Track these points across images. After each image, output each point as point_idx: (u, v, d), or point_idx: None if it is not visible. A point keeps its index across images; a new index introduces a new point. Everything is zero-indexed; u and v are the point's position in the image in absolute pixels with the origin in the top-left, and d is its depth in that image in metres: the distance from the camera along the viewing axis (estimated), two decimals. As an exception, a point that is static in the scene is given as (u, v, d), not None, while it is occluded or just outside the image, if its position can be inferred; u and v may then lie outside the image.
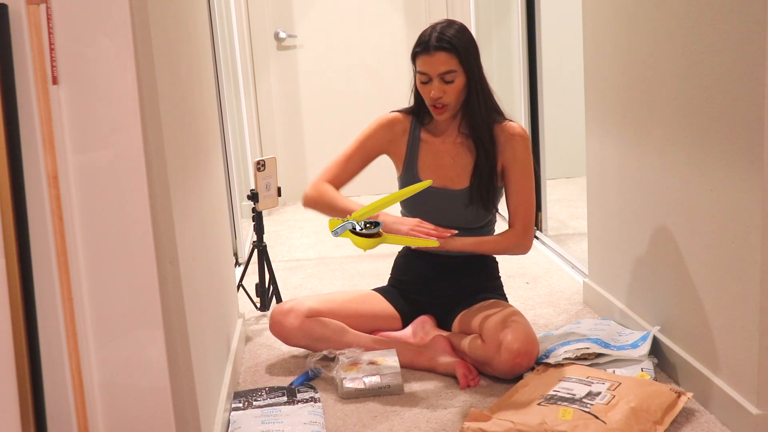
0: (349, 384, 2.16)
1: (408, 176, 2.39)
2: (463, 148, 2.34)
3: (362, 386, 2.16)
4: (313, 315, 2.35)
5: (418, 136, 2.39)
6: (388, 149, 2.42)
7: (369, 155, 2.42)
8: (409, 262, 2.50)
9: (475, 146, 2.32)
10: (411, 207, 2.40)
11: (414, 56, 2.26)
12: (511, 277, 3.17)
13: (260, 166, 2.76)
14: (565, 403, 1.88)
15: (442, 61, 2.21)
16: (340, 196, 2.34)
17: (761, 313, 1.73)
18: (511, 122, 2.35)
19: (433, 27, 2.25)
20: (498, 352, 2.15)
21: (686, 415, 1.94)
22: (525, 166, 2.33)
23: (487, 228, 2.40)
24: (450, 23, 2.26)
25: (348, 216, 2.11)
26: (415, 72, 2.29)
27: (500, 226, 2.44)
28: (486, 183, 2.31)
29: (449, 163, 2.36)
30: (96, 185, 1.39)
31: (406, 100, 2.42)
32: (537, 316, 2.75)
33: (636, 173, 2.32)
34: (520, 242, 2.36)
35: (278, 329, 2.37)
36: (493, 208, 2.36)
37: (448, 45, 2.20)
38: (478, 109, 2.28)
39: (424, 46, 2.23)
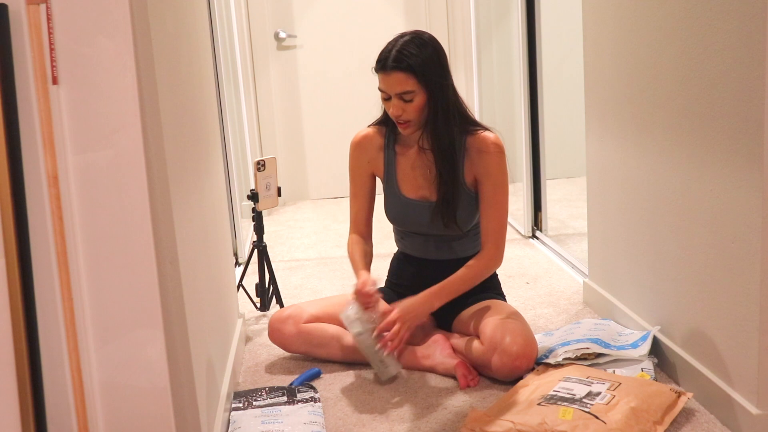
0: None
1: (389, 188, 2.38)
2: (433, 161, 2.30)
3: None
4: (310, 321, 2.36)
5: (393, 149, 2.37)
6: (371, 168, 2.41)
7: (365, 185, 2.42)
8: (403, 264, 2.49)
9: (434, 162, 2.25)
10: (396, 219, 2.41)
11: (375, 72, 2.20)
12: (511, 277, 3.17)
13: (260, 166, 2.76)
14: (565, 403, 1.88)
15: (399, 82, 2.14)
16: (356, 265, 2.36)
17: (761, 313, 1.73)
18: (484, 133, 2.27)
19: (395, 42, 2.17)
20: (496, 355, 2.15)
21: (686, 415, 1.94)
22: (498, 180, 2.26)
23: (471, 234, 2.39)
24: (413, 37, 2.16)
25: None
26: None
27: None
28: (449, 198, 2.25)
29: (425, 174, 2.32)
30: (96, 185, 1.39)
31: None
32: (537, 316, 2.75)
33: (636, 173, 2.32)
34: (490, 264, 2.31)
35: (277, 336, 2.38)
36: (460, 223, 2.29)
37: (405, 65, 2.12)
38: (440, 125, 2.20)
39: (381, 64, 2.16)
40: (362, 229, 2.44)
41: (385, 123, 2.38)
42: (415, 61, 2.13)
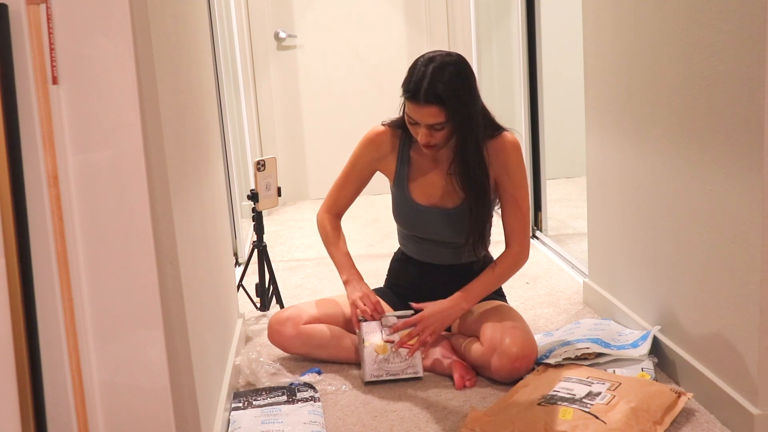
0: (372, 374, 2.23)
1: (399, 192, 2.36)
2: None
3: (385, 377, 2.22)
4: (310, 323, 2.35)
5: (407, 153, 2.33)
6: (378, 166, 2.39)
7: (362, 177, 2.40)
8: (404, 266, 2.48)
9: (462, 190, 2.22)
10: (405, 223, 2.39)
11: (404, 97, 2.15)
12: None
13: (260, 166, 2.76)
14: (565, 403, 1.88)
15: (431, 115, 2.09)
16: (336, 247, 2.43)
17: (761, 313, 1.73)
18: (502, 133, 2.25)
19: (425, 69, 2.08)
20: (496, 356, 2.14)
21: (686, 415, 1.94)
22: (517, 178, 2.26)
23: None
24: (443, 64, 2.09)
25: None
26: (404, 106, 2.19)
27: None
28: (480, 226, 2.27)
29: (440, 182, 2.31)
30: (96, 185, 1.39)
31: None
32: (537, 316, 2.75)
33: (636, 173, 2.32)
34: (516, 262, 2.32)
35: (276, 338, 2.38)
36: (483, 238, 2.31)
37: (438, 99, 2.06)
38: (469, 153, 2.17)
39: (412, 95, 2.09)
40: (338, 212, 2.46)
41: (403, 127, 2.30)
42: (448, 94, 2.06)
